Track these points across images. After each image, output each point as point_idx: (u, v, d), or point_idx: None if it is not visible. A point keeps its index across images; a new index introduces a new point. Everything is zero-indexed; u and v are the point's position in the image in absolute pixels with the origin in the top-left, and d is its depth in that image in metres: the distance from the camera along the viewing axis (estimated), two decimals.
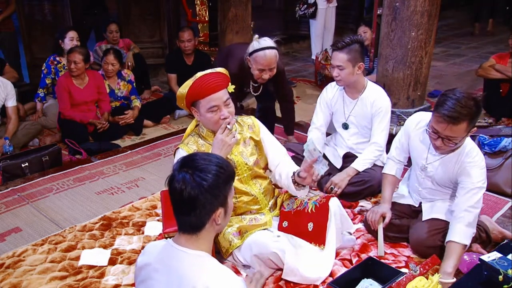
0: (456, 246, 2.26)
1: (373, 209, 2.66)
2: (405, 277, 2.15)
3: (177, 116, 4.86)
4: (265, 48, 3.11)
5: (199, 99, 2.25)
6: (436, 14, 3.46)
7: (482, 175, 2.30)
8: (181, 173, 1.47)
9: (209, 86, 2.21)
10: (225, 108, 2.26)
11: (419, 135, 2.50)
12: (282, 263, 2.22)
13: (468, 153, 2.32)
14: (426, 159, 2.46)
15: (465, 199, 2.29)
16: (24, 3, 5.16)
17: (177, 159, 2.25)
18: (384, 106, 3.00)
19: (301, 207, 2.45)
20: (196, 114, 2.33)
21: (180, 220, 1.54)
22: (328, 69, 5.54)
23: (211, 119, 2.27)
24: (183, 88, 2.25)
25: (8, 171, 3.47)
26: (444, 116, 2.12)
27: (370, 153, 3.04)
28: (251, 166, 2.43)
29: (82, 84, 4.23)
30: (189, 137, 2.43)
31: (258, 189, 2.46)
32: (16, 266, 2.47)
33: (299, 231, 2.39)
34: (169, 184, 1.51)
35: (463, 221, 2.27)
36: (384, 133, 3.04)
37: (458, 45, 8.10)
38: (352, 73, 2.94)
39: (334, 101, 3.18)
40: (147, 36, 6.19)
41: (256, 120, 2.55)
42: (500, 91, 4.47)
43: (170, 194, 1.51)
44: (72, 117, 4.16)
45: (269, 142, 2.53)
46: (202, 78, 2.21)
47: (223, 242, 2.38)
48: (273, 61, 3.14)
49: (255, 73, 3.19)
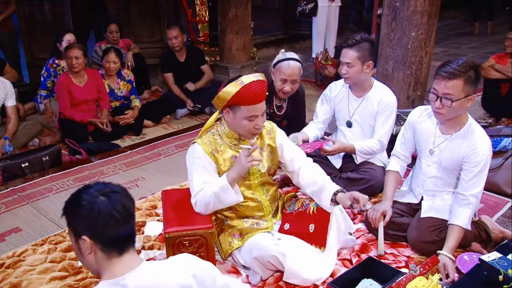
0: (459, 230, 2.34)
1: (374, 206, 2.67)
2: (405, 277, 2.15)
3: (179, 116, 4.86)
4: (290, 58, 3.11)
5: (240, 105, 2.17)
6: (436, 14, 3.46)
7: (488, 156, 2.37)
8: (99, 200, 1.33)
9: (255, 95, 2.14)
10: (261, 118, 2.22)
11: (423, 123, 2.56)
12: (282, 266, 2.22)
13: (474, 134, 2.38)
14: (433, 142, 2.50)
15: (471, 183, 2.36)
16: (24, 3, 5.16)
17: (193, 154, 2.27)
18: (392, 104, 3.00)
19: (302, 209, 2.45)
20: (228, 115, 2.26)
21: (125, 239, 1.37)
22: (328, 69, 5.54)
23: (245, 126, 2.22)
24: (227, 91, 2.14)
25: (8, 171, 3.47)
26: (442, 73, 2.27)
27: (372, 143, 3.02)
28: (263, 173, 2.40)
29: (81, 82, 4.22)
30: (208, 134, 2.35)
31: (265, 196, 2.43)
32: (16, 266, 2.47)
33: (300, 233, 2.38)
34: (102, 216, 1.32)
35: (470, 207, 2.36)
36: (388, 134, 3.04)
37: (458, 45, 8.10)
38: (361, 71, 2.92)
39: (338, 98, 3.16)
40: (147, 36, 6.19)
41: (275, 125, 2.49)
42: (500, 91, 4.47)
43: (108, 224, 1.32)
44: (72, 117, 4.15)
45: (287, 147, 2.46)
46: (250, 86, 2.12)
47: (223, 242, 2.38)
48: (296, 73, 3.11)
49: (277, 84, 3.16)
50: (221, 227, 2.43)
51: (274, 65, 3.16)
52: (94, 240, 1.34)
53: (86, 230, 1.34)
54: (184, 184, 3.37)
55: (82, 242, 1.35)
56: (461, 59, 2.28)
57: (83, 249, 1.37)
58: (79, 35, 4.74)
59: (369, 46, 2.91)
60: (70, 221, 1.40)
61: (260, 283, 2.31)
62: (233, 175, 2.22)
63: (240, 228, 2.37)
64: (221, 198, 2.24)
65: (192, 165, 2.31)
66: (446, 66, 2.28)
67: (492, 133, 3.29)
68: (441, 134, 2.48)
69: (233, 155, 2.32)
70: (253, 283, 2.31)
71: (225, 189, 2.21)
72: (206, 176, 2.28)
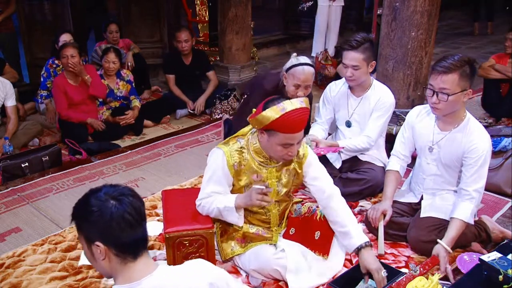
0: (460, 223, 2.36)
1: (374, 206, 2.67)
2: (405, 277, 2.15)
3: (179, 116, 4.86)
4: (304, 64, 3.02)
5: (277, 131, 2.05)
6: (436, 14, 3.46)
7: (488, 151, 2.39)
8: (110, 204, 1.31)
9: (295, 122, 2.02)
10: (296, 146, 2.12)
11: (422, 121, 2.58)
12: (282, 278, 2.24)
13: (473, 129, 2.40)
14: (432, 140, 2.51)
15: (473, 179, 2.38)
16: (24, 3, 5.15)
17: (215, 160, 2.21)
18: (388, 103, 2.99)
19: (309, 214, 2.42)
20: (262, 136, 2.15)
21: (138, 242, 1.37)
22: (328, 69, 5.53)
23: (278, 152, 2.12)
24: (267, 116, 2.00)
25: (8, 171, 3.47)
26: (437, 68, 2.31)
27: (359, 141, 3.00)
28: (281, 195, 2.34)
29: (77, 81, 4.21)
30: (237, 143, 2.25)
31: (275, 210, 2.38)
32: (16, 266, 2.47)
33: (305, 239, 2.38)
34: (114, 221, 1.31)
35: (473, 201, 2.38)
36: (379, 130, 3.01)
37: (458, 45, 8.09)
38: (366, 72, 2.91)
39: (337, 98, 3.15)
40: (147, 36, 6.18)
41: (308, 149, 2.35)
42: (500, 91, 4.47)
43: (121, 228, 1.31)
44: (68, 117, 4.15)
45: (314, 174, 2.33)
46: (291, 114, 1.99)
47: (226, 246, 2.38)
48: (310, 79, 3.05)
49: (290, 89, 3.06)
50: (225, 228, 2.41)
51: (287, 70, 3.07)
52: (108, 246, 1.32)
53: (99, 236, 1.32)
54: (184, 184, 3.37)
55: (96, 248, 1.33)
56: (457, 55, 2.31)
57: (97, 255, 1.34)
58: (79, 35, 4.73)
59: (371, 46, 2.90)
60: (80, 227, 1.37)
61: (260, 284, 2.31)
62: (241, 203, 2.19)
63: (244, 232, 2.35)
64: (223, 215, 2.24)
65: (209, 170, 2.26)
66: (441, 62, 2.31)
67: (492, 133, 3.28)
68: (440, 130, 2.49)
69: (255, 172, 2.24)
70: (253, 283, 2.31)
71: (229, 210, 2.21)
72: (218, 187, 2.25)
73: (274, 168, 2.26)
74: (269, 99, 2.10)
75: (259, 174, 2.24)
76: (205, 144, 4.10)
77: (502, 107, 4.40)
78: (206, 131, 4.41)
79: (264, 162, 2.23)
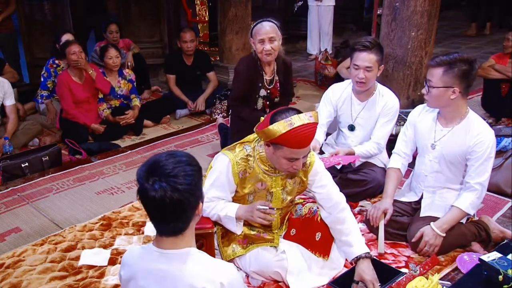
0: (458, 211, 2.41)
1: (374, 205, 2.67)
2: (405, 277, 2.16)
3: (179, 116, 4.86)
4: (262, 20, 3.10)
5: (284, 146, 2.00)
6: (436, 14, 3.46)
7: (493, 146, 2.41)
8: (155, 183, 1.38)
9: (302, 138, 1.97)
10: (302, 160, 2.08)
11: (424, 119, 2.60)
12: (283, 280, 2.25)
13: (476, 124, 2.42)
14: (435, 137, 2.52)
15: (477, 172, 2.41)
16: (24, 3, 5.16)
17: (219, 166, 2.18)
18: (395, 108, 2.98)
19: (310, 215, 2.42)
20: (268, 148, 2.11)
21: (162, 227, 1.47)
22: (328, 69, 5.53)
23: (283, 165, 2.08)
24: (274, 130, 1.95)
25: (8, 171, 3.47)
26: (430, 62, 2.41)
27: (370, 147, 2.98)
28: (285, 203, 2.33)
29: (81, 79, 4.22)
30: (243, 150, 2.20)
31: (277, 215, 2.35)
32: (16, 266, 2.47)
33: (306, 240, 2.37)
34: (142, 195, 1.42)
35: (475, 193, 2.41)
36: (386, 137, 3.01)
37: (458, 45, 8.08)
38: (376, 75, 2.86)
39: (340, 102, 3.09)
40: (147, 36, 6.18)
41: (315, 156, 2.29)
42: (500, 91, 4.47)
43: (146, 205, 1.44)
44: (75, 117, 4.16)
45: (319, 182, 2.29)
46: (299, 129, 1.94)
47: (227, 248, 2.37)
48: (271, 30, 3.06)
49: (258, 47, 3.09)
50: (226, 230, 2.38)
51: (250, 35, 3.13)
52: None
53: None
54: None
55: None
56: (456, 53, 2.34)
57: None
58: (79, 35, 4.73)
59: (381, 49, 2.86)
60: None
61: (260, 284, 2.31)
62: (242, 216, 2.19)
63: (245, 233, 2.34)
64: (222, 221, 2.25)
65: (213, 174, 2.22)
66: (437, 57, 2.37)
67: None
68: (442, 127, 2.50)
69: (259, 180, 2.23)
70: (253, 284, 2.31)
71: (229, 219, 2.21)
72: (220, 193, 2.23)
73: (279, 177, 2.25)
74: (277, 111, 2.05)
75: (264, 182, 2.23)
76: (205, 144, 4.10)
77: (502, 107, 4.39)
78: (206, 131, 4.42)
79: (269, 170, 2.21)
